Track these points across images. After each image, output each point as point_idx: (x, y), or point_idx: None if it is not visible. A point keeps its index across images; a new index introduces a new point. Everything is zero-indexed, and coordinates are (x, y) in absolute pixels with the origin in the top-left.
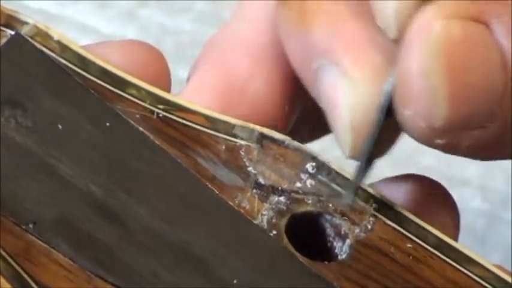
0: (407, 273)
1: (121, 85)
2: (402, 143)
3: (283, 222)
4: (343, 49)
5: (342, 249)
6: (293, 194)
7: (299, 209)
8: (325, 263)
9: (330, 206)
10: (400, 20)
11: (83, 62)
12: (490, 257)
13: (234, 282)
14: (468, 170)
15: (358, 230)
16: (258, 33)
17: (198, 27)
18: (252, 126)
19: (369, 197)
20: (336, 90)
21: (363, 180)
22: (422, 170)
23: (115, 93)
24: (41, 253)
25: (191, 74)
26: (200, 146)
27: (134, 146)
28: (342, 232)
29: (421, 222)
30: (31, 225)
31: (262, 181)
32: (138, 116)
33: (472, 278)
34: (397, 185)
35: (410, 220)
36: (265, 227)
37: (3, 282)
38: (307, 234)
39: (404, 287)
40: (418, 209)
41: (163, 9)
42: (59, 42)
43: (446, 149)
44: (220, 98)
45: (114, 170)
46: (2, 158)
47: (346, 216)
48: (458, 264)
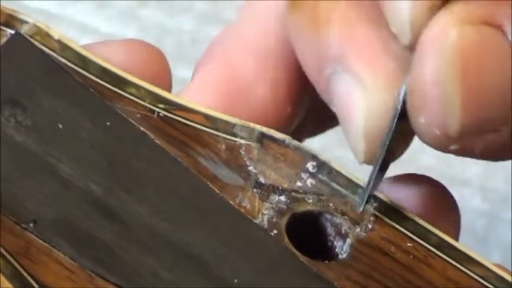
0: (407, 273)
1: (121, 84)
2: None
3: (284, 221)
4: (357, 56)
5: (342, 248)
6: (293, 193)
7: (299, 208)
8: (326, 262)
9: (331, 205)
10: (414, 26)
11: (83, 61)
12: (490, 256)
13: (235, 281)
14: (468, 170)
15: (358, 229)
16: (265, 35)
17: (198, 27)
18: (252, 125)
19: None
20: (350, 97)
21: (377, 187)
22: (423, 169)
23: (115, 92)
24: (41, 252)
25: (195, 71)
26: (200, 145)
27: (134, 145)
28: (343, 231)
29: (421, 222)
30: (31, 224)
31: (262, 180)
32: (139, 116)
33: (472, 278)
34: (397, 184)
35: (411, 219)
36: (266, 226)
37: (4, 281)
38: (308, 233)
39: (404, 287)
40: (419, 208)
41: (163, 9)
42: (59, 41)
43: (460, 153)
44: (223, 98)
45: (115, 169)
46: (2, 157)
47: (346, 215)
48: (459, 263)
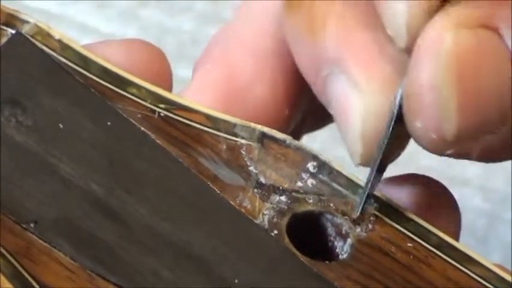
0: (408, 273)
1: (122, 84)
2: None
3: (284, 221)
4: (353, 59)
5: (343, 248)
6: (294, 193)
7: (300, 208)
8: (326, 262)
9: (331, 205)
10: (410, 29)
11: (84, 61)
12: (491, 256)
13: (235, 281)
14: (468, 170)
15: (359, 230)
16: (262, 35)
17: (198, 27)
18: (253, 125)
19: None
20: (346, 99)
21: (374, 189)
22: (423, 169)
23: (116, 92)
24: (41, 252)
25: (194, 72)
26: (201, 146)
27: (135, 145)
28: (343, 231)
29: (422, 222)
30: (32, 224)
31: (263, 180)
32: (140, 116)
33: (472, 278)
34: (398, 185)
35: (411, 219)
36: (266, 226)
37: (4, 281)
38: (308, 233)
39: (405, 287)
40: (419, 208)
41: (163, 9)
42: (59, 41)
43: (457, 156)
44: (222, 99)
45: (115, 169)
46: (3, 157)
47: (347, 215)
48: (459, 263)
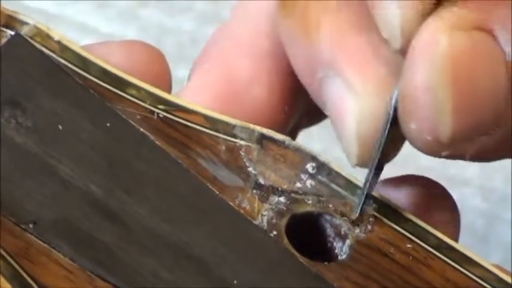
0: (407, 274)
1: (121, 85)
2: None
3: (284, 222)
4: (347, 62)
5: (342, 249)
6: (293, 194)
7: (299, 209)
8: (325, 263)
9: (330, 206)
10: (405, 30)
11: (83, 62)
12: (490, 256)
13: (234, 282)
14: (468, 170)
15: (358, 231)
16: (258, 35)
17: (198, 27)
18: (252, 126)
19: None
20: (342, 101)
21: (372, 190)
22: (423, 169)
23: (115, 93)
24: (41, 253)
25: (191, 72)
26: (200, 147)
27: (134, 146)
28: (342, 232)
29: (421, 223)
30: (31, 225)
31: (262, 181)
32: (139, 117)
33: (472, 279)
34: (396, 186)
35: (410, 220)
36: (266, 227)
37: (3, 282)
38: (307, 234)
39: None
40: (418, 209)
41: (163, 9)
42: (59, 42)
43: (452, 157)
44: (220, 100)
45: (115, 170)
46: (2, 158)
47: (346, 216)
48: (458, 264)
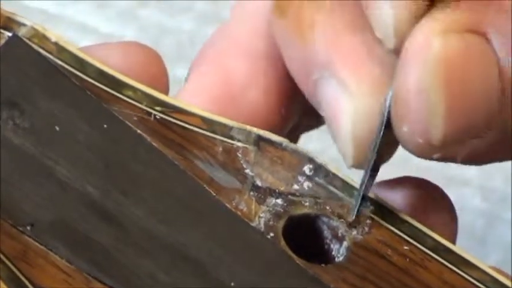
0: (404, 276)
1: (118, 87)
2: None
3: (281, 224)
4: (342, 62)
5: (339, 251)
6: (290, 196)
7: (296, 211)
8: (322, 265)
9: (327, 208)
10: (398, 30)
11: (80, 63)
12: (490, 257)
13: (231, 284)
14: (468, 170)
15: (355, 232)
16: (255, 36)
17: (198, 27)
18: (249, 128)
19: (365, 199)
20: (337, 102)
21: (369, 190)
22: (422, 169)
23: (112, 94)
24: (38, 255)
25: (189, 73)
26: (197, 148)
27: (131, 148)
28: (339, 234)
29: (418, 225)
30: (28, 227)
31: (259, 183)
32: (136, 118)
33: (468, 281)
34: (394, 187)
35: (408, 222)
36: (263, 229)
37: (1, 284)
38: (305, 236)
39: None
40: (415, 211)
41: (163, 9)
42: (56, 43)
43: (443, 160)
44: (217, 103)
45: (111, 172)
46: (0, 159)
47: (343, 218)
48: (455, 266)
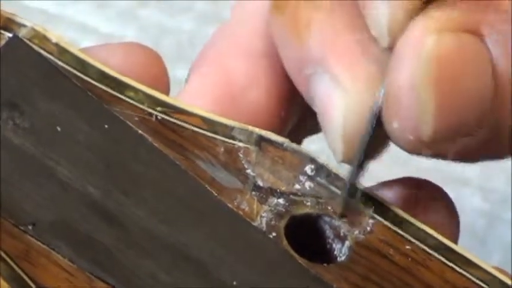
0: (406, 275)
1: (119, 87)
2: None
3: (282, 224)
4: (336, 59)
5: (341, 251)
6: (292, 196)
7: (298, 211)
8: (324, 264)
9: (329, 208)
10: (392, 28)
11: (82, 64)
12: (490, 257)
13: (233, 283)
14: (468, 170)
15: (357, 232)
16: (255, 36)
17: (198, 27)
18: (250, 128)
19: (367, 199)
20: (330, 98)
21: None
22: (422, 170)
23: (113, 95)
24: (40, 254)
25: (190, 74)
26: (199, 148)
27: (132, 148)
28: (341, 234)
29: (420, 224)
30: (30, 227)
31: (260, 183)
32: (137, 119)
33: (471, 280)
34: (394, 188)
35: (409, 222)
36: (264, 229)
37: (3, 284)
38: (307, 236)
39: None
40: (417, 211)
41: (163, 9)
42: (57, 44)
43: (433, 156)
44: (218, 104)
45: (113, 172)
46: (0, 160)
47: (345, 218)
48: (457, 266)
